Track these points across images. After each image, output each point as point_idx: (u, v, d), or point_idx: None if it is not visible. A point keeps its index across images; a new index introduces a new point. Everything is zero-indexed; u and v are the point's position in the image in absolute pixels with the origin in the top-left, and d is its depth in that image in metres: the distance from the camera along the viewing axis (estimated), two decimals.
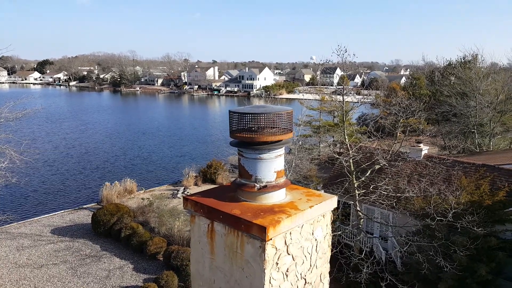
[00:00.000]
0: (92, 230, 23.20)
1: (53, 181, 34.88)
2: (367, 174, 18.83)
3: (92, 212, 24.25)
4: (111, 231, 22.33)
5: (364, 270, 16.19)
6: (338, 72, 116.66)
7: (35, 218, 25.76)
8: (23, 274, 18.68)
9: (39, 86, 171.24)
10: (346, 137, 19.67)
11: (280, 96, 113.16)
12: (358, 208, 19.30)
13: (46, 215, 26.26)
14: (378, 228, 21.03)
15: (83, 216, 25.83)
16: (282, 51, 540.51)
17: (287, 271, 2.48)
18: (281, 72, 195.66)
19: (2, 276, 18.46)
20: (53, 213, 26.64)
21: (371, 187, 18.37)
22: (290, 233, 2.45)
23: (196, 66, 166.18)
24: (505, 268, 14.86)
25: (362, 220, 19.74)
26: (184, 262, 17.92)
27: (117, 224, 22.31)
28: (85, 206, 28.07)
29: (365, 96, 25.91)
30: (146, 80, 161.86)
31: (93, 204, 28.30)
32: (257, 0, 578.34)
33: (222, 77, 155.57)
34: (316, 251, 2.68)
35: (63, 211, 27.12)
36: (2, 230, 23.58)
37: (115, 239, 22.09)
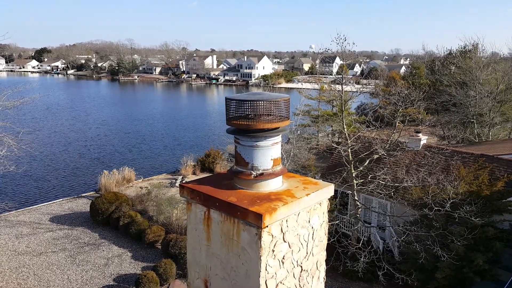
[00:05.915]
0: (90, 218, 23.27)
1: (51, 169, 34.89)
2: (366, 164, 18.86)
3: (91, 201, 24.29)
4: (110, 220, 22.40)
5: (362, 259, 16.30)
6: (338, 61, 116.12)
7: (34, 206, 25.82)
8: (22, 262, 18.78)
9: (37, 75, 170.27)
10: (345, 126, 19.64)
11: (279, 85, 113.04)
12: (356, 198, 19.35)
13: (45, 203, 26.33)
14: (376, 218, 21.12)
15: (82, 205, 25.88)
16: (281, 40, 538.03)
17: (283, 258, 2.47)
18: (280, 61, 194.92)
19: (2, 263, 18.55)
20: (52, 201, 26.69)
21: (369, 177, 18.40)
22: (287, 220, 2.44)
23: (194, 55, 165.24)
24: (502, 257, 14.97)
25: (360, 209, 19.81)
26: (182, 250, 18.01)
27: (115, 212, 22.37)
28: (83, 194, 28.11)
29: (364, 86, 25.79)
30: (144, 68, 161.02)
31: (91, 193, 28.34)
32: None
33: (221, 66, 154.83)
34: (312, 238, 2.68)
35: (61, 199, 27.17)
36: (1, 218, 23.64)
37: (114, 227, 22.17)
